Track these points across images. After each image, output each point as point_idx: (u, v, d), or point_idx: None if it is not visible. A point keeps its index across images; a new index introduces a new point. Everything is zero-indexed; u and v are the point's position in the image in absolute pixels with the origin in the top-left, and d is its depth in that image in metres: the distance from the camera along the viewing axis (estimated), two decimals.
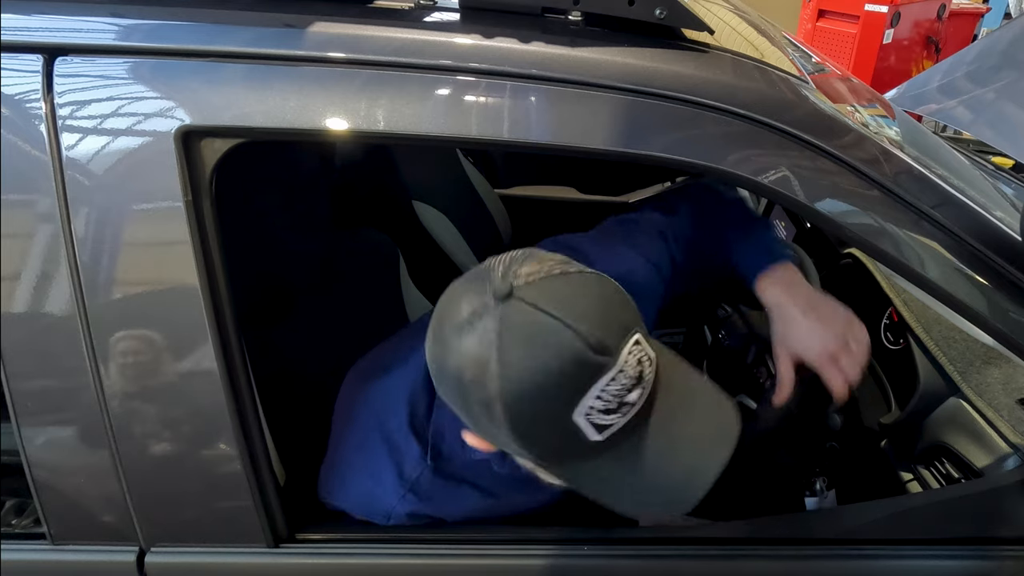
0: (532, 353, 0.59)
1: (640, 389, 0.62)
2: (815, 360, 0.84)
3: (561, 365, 0.58)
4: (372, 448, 0.86)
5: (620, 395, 0.61)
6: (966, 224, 0.80)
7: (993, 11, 4.52)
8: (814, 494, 1.09)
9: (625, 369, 0.60)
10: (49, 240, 0.71)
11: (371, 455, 0.86)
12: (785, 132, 0.74)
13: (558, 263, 0.64)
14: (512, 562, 0.85)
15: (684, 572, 0.86)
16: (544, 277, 0.61)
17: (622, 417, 0.62)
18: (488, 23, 0.72)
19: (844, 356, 0.83)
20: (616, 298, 0.64)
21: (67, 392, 0.76)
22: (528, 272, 0.62)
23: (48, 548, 0.83)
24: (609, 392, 0.60)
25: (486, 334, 0.59)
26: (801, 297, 0.87)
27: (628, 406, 0.62)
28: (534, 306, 0.59)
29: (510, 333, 0.59)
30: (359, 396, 0.91)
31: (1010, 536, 0.85)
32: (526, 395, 0.59)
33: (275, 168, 1.19)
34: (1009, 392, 0.95)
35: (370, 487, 0.86)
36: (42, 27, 0.69)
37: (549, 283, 0.61)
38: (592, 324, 0.59)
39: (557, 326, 0.58)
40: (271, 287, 1.16)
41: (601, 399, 0.60)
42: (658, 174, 2.17)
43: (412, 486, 0.84)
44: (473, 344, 0.60)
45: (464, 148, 1.78)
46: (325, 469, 0.91)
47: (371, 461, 0.86)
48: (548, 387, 0.59)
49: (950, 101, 1.21)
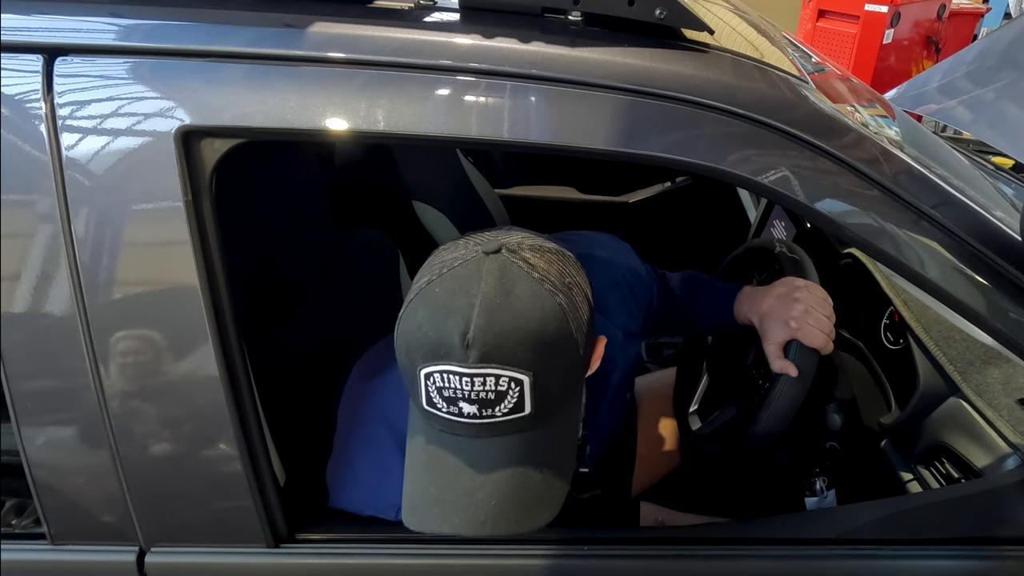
0: (443, 297, 0.64)
1: (477, 409, 0.63)
2: (792, 333, 0.93)
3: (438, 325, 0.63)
4: (378, 440, 0.86)
5: (457, 395, 0.63)
6: (966, 224, 0.80)
7: (993, 11, 4.52)
8: (814, 494, 1.09)
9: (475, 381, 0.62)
10: (49, 240, 0.71)
11: (377, 448, 0.86)
12: (785, 132, 0.74)
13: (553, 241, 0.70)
14: (512, 562, 0.85)
15: (684, 572, 0.86)
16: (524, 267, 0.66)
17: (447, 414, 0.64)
18: (488, 23, 0.72)
19: (810, 316, 0.93)
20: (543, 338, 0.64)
21: (67, 392, 0.76)
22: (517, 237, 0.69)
23: (48, 548, 0.83)
24: (448, 381, 0.63)
25: (447, 257, 0.67)
26: (762, 297, 1.00)
27: (457, 410, 0.64)
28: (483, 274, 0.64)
29: (457, 271, 0.65)
30: (361, 394, 0.91)
31: (1010, 536, 0.85)
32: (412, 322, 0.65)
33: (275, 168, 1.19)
34: (1009, 392, 0.95)
35: (379, 479, 0.86)
36: (42, 27, 0.69)
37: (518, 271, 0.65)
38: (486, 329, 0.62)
39: (466, 302, 0.63)
40: (271, 287, 1.16)
41: (440, 378, 0.63)
42: (658, 174, 2.18)
43: None
44: (431, 262, 0.68)
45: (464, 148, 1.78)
46: (331, 470, 0.91)
47: (377, 453, 0.86)
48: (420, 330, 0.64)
49: (950, 101, 1.21)
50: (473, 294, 0.63)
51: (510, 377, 0.62)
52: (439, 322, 0.62)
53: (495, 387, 0.62)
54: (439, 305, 0.63)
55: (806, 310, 0.93)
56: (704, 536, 0.88)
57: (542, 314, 0.63)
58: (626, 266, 1.05)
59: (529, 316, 0.63)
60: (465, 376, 0.62)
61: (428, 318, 0.63)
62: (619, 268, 1.03)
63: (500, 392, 0.63)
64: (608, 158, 0.72)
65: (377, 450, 0.86)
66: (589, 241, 1.06)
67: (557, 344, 0.64)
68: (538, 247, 0.69)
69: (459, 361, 0.62)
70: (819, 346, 0.93)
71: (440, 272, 0.66)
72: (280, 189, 1.22)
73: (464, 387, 0.62)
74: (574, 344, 0.66)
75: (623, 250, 1.08)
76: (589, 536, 0.86)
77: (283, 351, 1.10)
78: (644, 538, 0.89)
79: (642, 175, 2.20)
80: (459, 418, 0.64)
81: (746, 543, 0.87)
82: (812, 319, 0.93)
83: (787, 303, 0.95)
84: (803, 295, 0.94)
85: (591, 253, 1.02)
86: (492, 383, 0.62)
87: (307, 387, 1.08)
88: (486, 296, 0.62)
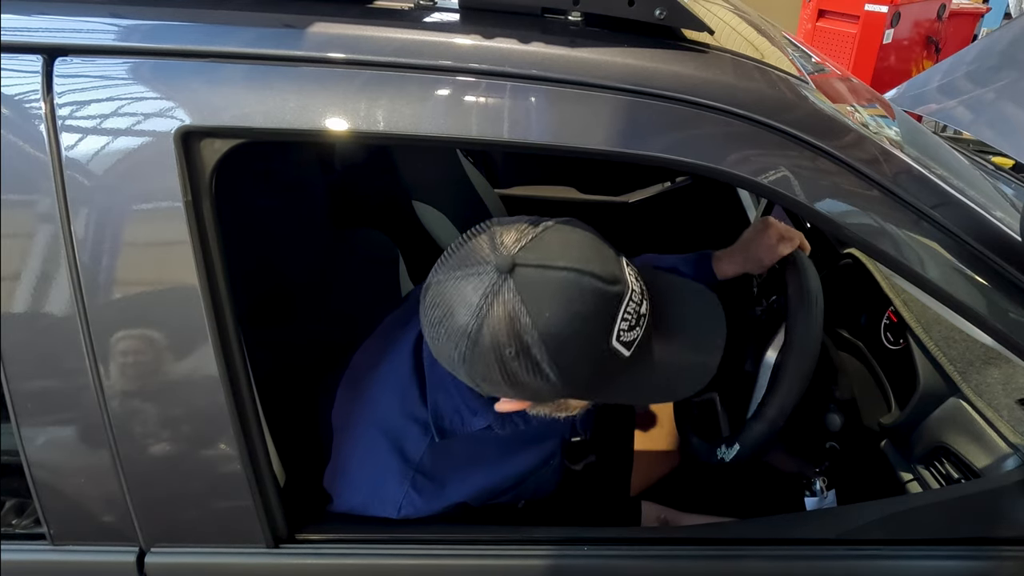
0: (560, 305, 0.65)
1: (646, 299, 0.72)
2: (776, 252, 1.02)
3: (588, 307, 0.66)
4: (371, 440, 0.87)
5: (637, 310, 0.70)
6: (966, 224, 0.80)
7: (993, 11, 4.52)
8: (814, 494, 1.09)
9: (634, 287, 0.70)
10: (49, 240, 0.71)
11: (372, 447, 0.86)
12: (785, 132, 0.74)
13: (530, 223, 0.70)
14: (512, 562, 0.85)
15: (684, 572, 0.86)
16: (533, 239, 0.68)
17: (640, 329, 0.71)
18: (488, 23, 0.72)
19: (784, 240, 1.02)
20: (588, 231, 0.72)
21: (67, 392, 0.76)
22: (514, 240, 0.68)
23: (48, 548, 0.83)
24: (630, 311, 0.69)
25: (509, 304, 0.65)
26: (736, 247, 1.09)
27: (643, 317, 0.71)
28: (541, 266, 0.66)
29: (532, 294, 0.65)
30: (352, 399, 0.92)
31: (1010, 536, 0.85)
32: (567, 342, 0.66)
33: (275, 168, 1.19)
34: (1009, 392, 0.95)
35: (376, 478, 0.86)
36: (42, 27, 0.69)
37: (539, 242, 0.68)
38: (596, 262, 0.68)
39: (572, 275, 0.66)
40: (271, 287, 1.16)
41: (626, 320, 0.69)
42: (658, 174, 2.18)
43: (418, 466, 0.85)
44: (501, 316, 0.65)
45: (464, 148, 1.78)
46: (329, 474, 0.92)
47: (373, 453, 0.86)
48: (584, 329, 0.67)
49: (950, 101, 1.21)
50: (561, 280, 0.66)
51: (624, 262, 0.73)
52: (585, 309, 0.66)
53: (633, 274, 0.73)
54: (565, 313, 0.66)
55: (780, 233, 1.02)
56: (704, 536, 0.88)
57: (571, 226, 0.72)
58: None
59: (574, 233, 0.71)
60: (633, 292, 0.70)
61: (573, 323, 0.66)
62: None
63: (632, 273, 0.73)
64: (608, 158, 0.72)
65: (373, 453, 0.87)
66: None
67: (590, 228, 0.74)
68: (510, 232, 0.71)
69: (623, 294, 0.69)
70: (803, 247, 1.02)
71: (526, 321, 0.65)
72: (280, 189, 1.22)
73: (636, 299, 0.71)
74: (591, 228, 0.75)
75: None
76: (589, 536, 0.86)
77: (283, 351, 1.10)
78: (644, 538, 0.89)
79: (642, 175, 2.20)
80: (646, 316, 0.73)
81: (746, 543, 0.87)
82: (786, 233, 1.03)
83: (761, 236, 1.03)
84: (768, 224, 1.03)
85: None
86: (632, 276, 0.72)
87: (307, 387, 1.08)
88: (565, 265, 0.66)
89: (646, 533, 0.99)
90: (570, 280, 0.66)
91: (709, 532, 0.90)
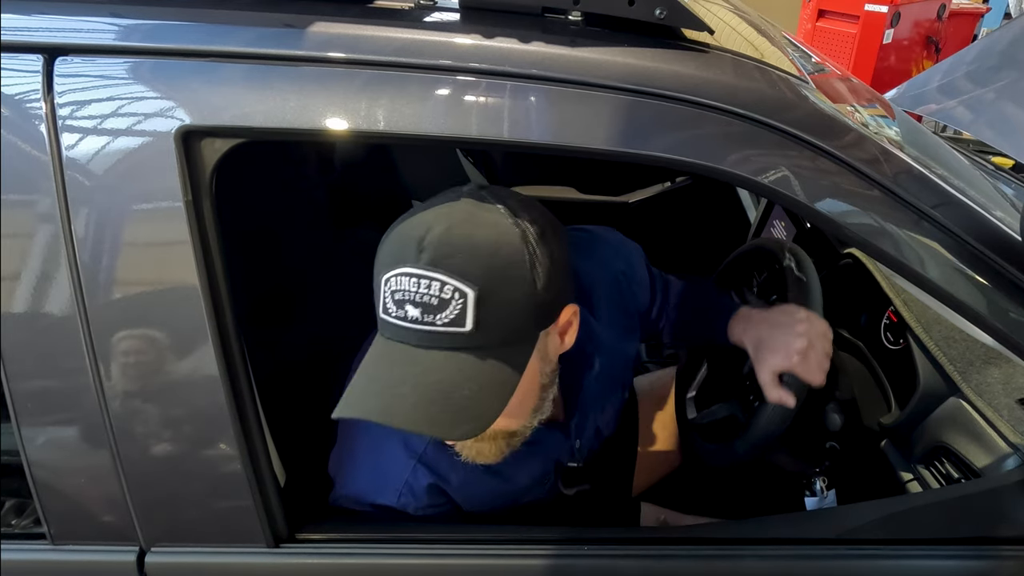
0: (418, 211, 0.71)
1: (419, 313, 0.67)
2: (792, 366, 0.91)
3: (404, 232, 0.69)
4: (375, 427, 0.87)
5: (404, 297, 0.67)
6: (966, 224, 0.80)
7: (993, 11, 4.52)
8: (814, 494, 1.09)
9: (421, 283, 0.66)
10: (49, 240, 0.71)
11: (377, 433, 0.87)
12: (785, 132, 0.74)
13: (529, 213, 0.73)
14: (512, 562, 0.85)
15: (684, 572, 0.86)
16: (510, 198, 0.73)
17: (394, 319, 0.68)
18: (488, 23, 0.72)
19: (811, 352, 0.91)
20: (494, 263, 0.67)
21: (67, 392, 0.76)
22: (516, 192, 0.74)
23: (48, 548, 0.83)
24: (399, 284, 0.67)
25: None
26: (759, 322, 0.97)
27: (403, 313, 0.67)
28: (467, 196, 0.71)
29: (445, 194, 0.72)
30: None
31: (1010, 536, 0.85)
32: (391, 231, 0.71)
33: (275, 168, 1.19)
34: (1009, 392, 0.95)
35: (379, 463, 0.87)
36: (42, 27, 0.69)
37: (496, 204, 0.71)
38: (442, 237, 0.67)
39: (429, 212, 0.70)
40: (271, 287, 1.16)
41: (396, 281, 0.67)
42: (658, 174, 2.18)
43: (421, 457, 0.86)
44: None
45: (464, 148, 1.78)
46: (334, 458, 0.92)
47: (378, 439, 0.87)
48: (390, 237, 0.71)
49: (950, 101, 1.21)
50: (441, 212, 0.69)
51: (454, 286, 0.65)
52: (404, 233, 0.69)
53: (439, 293, 0.65)
54: (411, 221, 0.70)
55: (810, 345, 0.91)
56: (704, 536, 0.88)
57: (497, 236, 0.68)
58: (626, 263, 1.05)
59: (485, 235, 0.67)
60: (413, 277, 0.66)
61: (397, 232, 0.70)
62: (617, 265, 1.03)
63: (443, 300, 0.65)
64: (608, 158, 0.72)
65: (377, 438, 0.87)
66: (592, 235, 1.06)
67: (509, 270, 0.67)
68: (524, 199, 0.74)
69: (412, 263, 0.66)
70: (817, 383, 0.92)
71: (427, 201, 0.72)
72: (280, 189, 1.22)
73: (411, 288, 0.66)
74: (528, 279, 0.68)
75: (628, 249, 1.08)
76: (589, 536, 0.86)
77: (283, 351, 1.10)
78: (644, 538, 0.89)
79: (642, 175, 2.20)
80: (404, 322, 0.67)
81: (746, 543, 0.87)
82: (814, 355, 0.91)
83: (789, 334, 0.92)
84: (806, 329, 0.92)
85: (589, 247, 1.02)
86: (437, 288, 0.65)
87: (307, 387, 1.08)
88: (451, 214, 0.68)
89: (646, 533, 0.99)
90: (431, 211, 0.69)
91: (709, 532, 0.90)
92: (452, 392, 0.67)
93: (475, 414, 0.68)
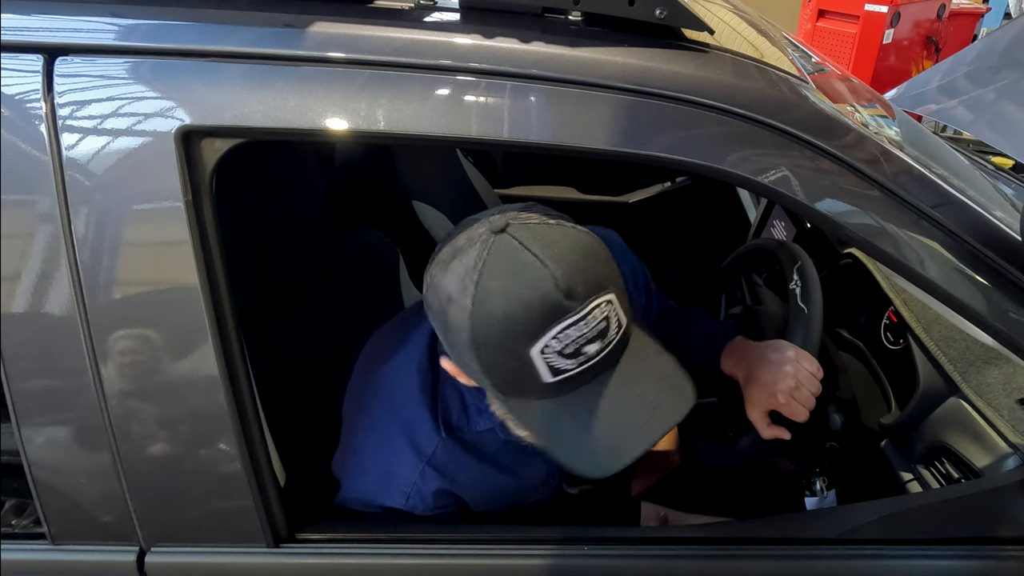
0: (506, 282, 0.64)
1: (600, 343, 0.66)
2: (777, 406, 0.92)
3: (529, 299, 0.63)
4: (385, 427, 0.87)
5: (579, 343, 0.65)
6: (966, 224, 0.80)
7: (993, 11, 4.52)
8: (814, 494, 1.09)
9: (588, 320, 0.65)
10: (49, 240, 0.71)
11: (385, 434, 0.87)
12: (785, 132, 0.74)
13: (558, 217, 0.69)
14: (512, 562, 0.85)
15: (684, 572, 0.86)
16: (539, 223, 0.67)
17: (577, 366, 0.66)
18: (488, 23, 0.72)
19: (799, 393, 0.91)
20: (600, 256, 0.69)
21: (67, 392, 0.76)
22: (527, 216, 0.68)
23: (48, 548, 0.83)
24: (568, 336, 0.64)
25: (471, 259, 0.65)
26: (750, 358, 0.97)
27: (585, 356, 0.66)
28: (520, 243, 0.65)
29: (493, 261, 0.64)
30: (365, 385, 0.92)
31: (1010, 536, 0.85)
32: (494, 321, 0.64)
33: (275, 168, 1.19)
34: (1009, 392, 0.95)
35: (388, 465, 0.87)
36: (42, 27, 0.69)
37: (541, 228, 0.66)
38: (567, 270, 0.64)
39: (535, 263, 0.64)
40: (271, 287, 1.16)
41: (559, 340, 0.64)
42: (658, 174, 2.18)
43: (430, 459, 0.85)
44: (459, 267, 0.66)
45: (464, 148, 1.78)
46: (338, 459, 0.92)
47: (386, 440, 0.87)
48: (513, 317, 0.63)
49: (950, 101, 1.21)
50: (527, 263, 0.64)
51: (605, 300, 0.66)
52: (526, 298, 0.63)
53: (603, 314, 0.66)
54: (507, 291, 0.64)
55: (796, 387, 0.91)
56: (704, 536, 0.88)
57: (587, 239, 0.68)
58: (630, 266, 1.05)
59: (579, 243, 0.67)
60: (579, 321, 0.64)
61: (509, 305, 0.63)
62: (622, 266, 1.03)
63: (607, 317, 0.66)
64: (608, 158, 0.72)
65: (384, 439, 0.87)
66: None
67: (599, 257, 0.69)
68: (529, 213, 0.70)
69: (569, 312, 0.64)
70: (800, 420, 0.92)
71: (476, 275, 0.64)
72: (280, 189, 1.22)
73: (583, 331, 0.65)
74: (611, 259, 0.70)
75: (625, 250, 1.09)
76: (589, 536, 0.86)
77: (283, 351, 1.10)
78: (644, 538, 0.89)
79: (642, 175, 2.20)
80: (590, 362, 0.66)
81: (746, 543, 0.87)
82: (800, 396, 0.91)
83: (777, 373, 0.92)
84: (794, 369, 0.91)
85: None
86: (598, 313, 0.65)
87: (307, 387, 1.08)
88: (539, 254, 0.64)
89: (646, 533, 0.99)
90: (529, 263, 0.64)
91: (709, 532, 0.90)
92: (664, 360, 0.73)
93: (682, 376, 0.73)
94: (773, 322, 1.09)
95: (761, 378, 0.93)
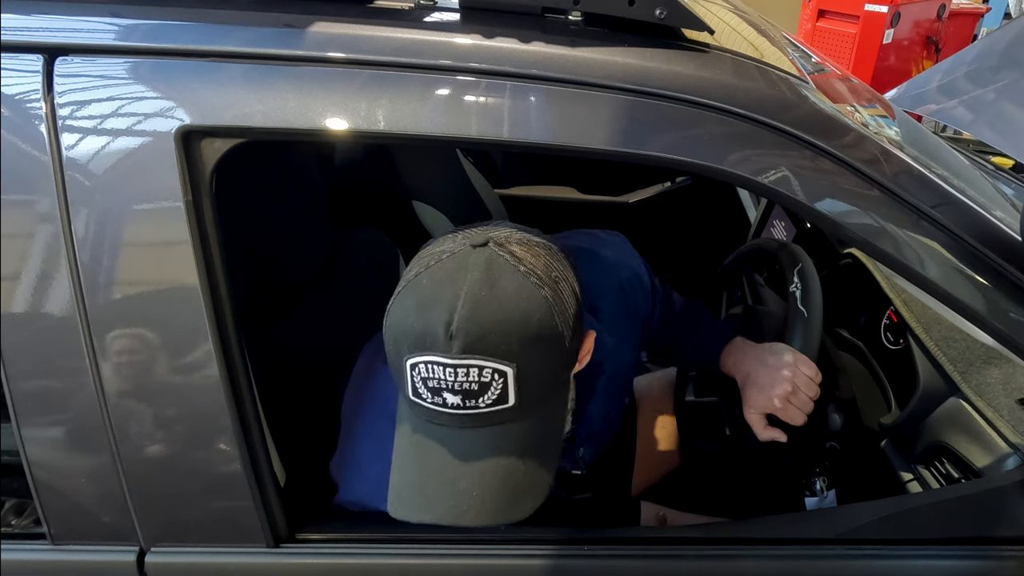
0: (429, 288, 0.65)
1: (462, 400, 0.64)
2: (773, 409, 0.93)
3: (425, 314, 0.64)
4: (380, 432, 0.86)
5: (441, 385, 0.63)
6: (966, 224, 0.80)
7: (993, 11, 4.52)
8: (814, 494, 1.09)
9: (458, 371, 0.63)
10: (49, 240, 0.71)
11: (380, 439, 0.86)
12: (785, 132, 0.74)
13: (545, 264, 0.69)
14: (512, 562, 0.85)
15: (684, 572, 0.86)
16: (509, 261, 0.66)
17: (432, 404, 0.65)
18: (488, 23, 0.72)
19: (796, 397, 0.92)
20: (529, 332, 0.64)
21: (67, 392, 0.76)
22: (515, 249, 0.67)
23: (48, 548, 0.83)
24: (433, 372, 0.63)
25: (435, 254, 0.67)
26: (749, 358, 0.97)
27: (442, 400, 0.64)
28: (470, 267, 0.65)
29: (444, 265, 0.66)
30: (362, 389, 0.92)
31: (1010, 536, 0.85)
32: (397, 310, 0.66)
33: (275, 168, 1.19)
34: (1009, 392, 0.95)
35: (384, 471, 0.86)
36: (42, 27, 0.69)
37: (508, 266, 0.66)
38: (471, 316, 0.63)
39: (457, 290, 0.64)
40: (271, 287, 1.16)
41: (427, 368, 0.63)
42: (658, 174, 2.18)
43: None
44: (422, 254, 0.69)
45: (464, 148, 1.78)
46: (337, 464, 0.91)
47: (381, 445, 0.86)
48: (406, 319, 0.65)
49: (950, 101, 1.21)
50: (459, 285, 0.64)
51: (493, 368, 0.63)
52: (425, 313, 0.63)
53: (478, 378, 0.63)
54: (425, 296, 0.64)
55: (793, 391, 0.91)
56: (704, 536, 0.88)
57: (527, 306, 0.64)
58: (631, 270, 1.04)
59: (513, 308, 0.64)
60: (449, 367, 0.62)
61: (414, 309, 0.64)
62: (622, 271, 1.03)
63: (484, 383, 0.63)
64: (608, 158, 0.72)
65: (381, 444, 0.86)
66: (596, 240, 1.06)
67: (542, 337, 0.65)
68: (525, 241, 0.70)
69: (443, 352, 0.62)
70: (797, 424, 0.92)
71: (428, 264, 0.67)
72: (280, 189, 1.22)
73: (448, 378, 0.63)
74: (559, 338, 0.66)
75: (630, 253, 1.08)
76: (589, 536, 0.86)
77: (283, 351, 1.10)
78: (644, 538, 0.89)
79: (642, 175, 2.20)
80: (443, 408, 0.65)
81: (746, 543, 0.87)
82: (797, 400, 0.91)
83: (774, 377, 0.92)
84: (792, 373, 0.92)
85: (596, 252, 1.01)
86: (475, 374, 0.63)
87: (307, 387, 1.08)
88: (471, 288, 0.63)
89: (646, 533, 0.99)
90: (451, 289, 0.64)
91: (709, 532, 0.90)
92: (511, 471, 0.66)
93: (537, 484, 0.68)
94: (774, 322, 1.09)
95: (759, 381, 0.94)
